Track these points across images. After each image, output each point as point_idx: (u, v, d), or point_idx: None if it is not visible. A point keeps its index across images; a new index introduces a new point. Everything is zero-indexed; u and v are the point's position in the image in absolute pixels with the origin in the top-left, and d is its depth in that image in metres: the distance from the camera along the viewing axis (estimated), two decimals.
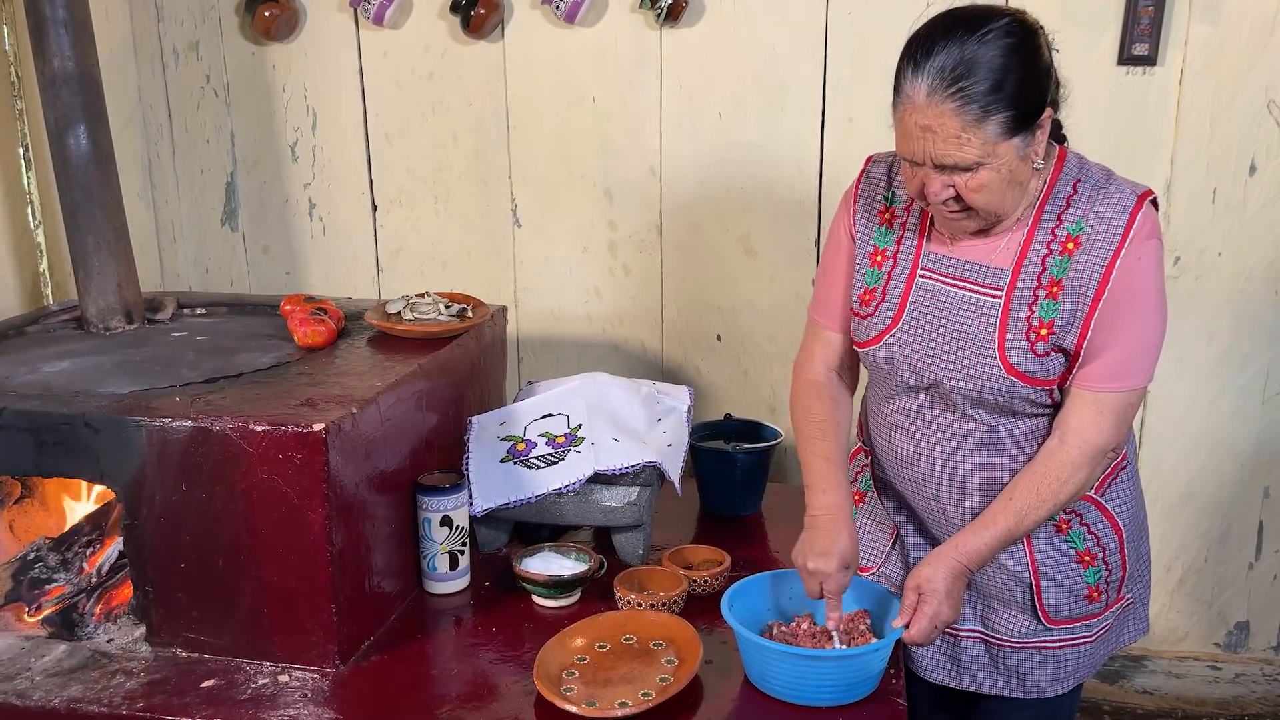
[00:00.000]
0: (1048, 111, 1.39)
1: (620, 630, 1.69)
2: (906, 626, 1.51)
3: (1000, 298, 1.47)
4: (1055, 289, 1.43)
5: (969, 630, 1.66)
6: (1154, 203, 1.46)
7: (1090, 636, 1.62)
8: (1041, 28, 1.40)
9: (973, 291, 1.49)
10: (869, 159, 1.64)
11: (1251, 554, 2.51)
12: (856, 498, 1.77)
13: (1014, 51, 1.33)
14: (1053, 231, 1.45)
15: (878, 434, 1.67)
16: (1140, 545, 1.68)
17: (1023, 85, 1.34)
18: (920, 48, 1.35)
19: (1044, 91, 1.38)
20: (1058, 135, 1.52)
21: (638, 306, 2.62)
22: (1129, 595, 1.67)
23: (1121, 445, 1.50)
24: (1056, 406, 1.50)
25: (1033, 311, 1.45)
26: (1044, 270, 1.45)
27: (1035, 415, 1.52)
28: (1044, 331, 1.44)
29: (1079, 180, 1.46)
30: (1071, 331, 1.43)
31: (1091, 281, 1.42)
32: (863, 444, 1.77)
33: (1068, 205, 1.45)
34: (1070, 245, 1.43)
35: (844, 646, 1.56)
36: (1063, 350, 1.45)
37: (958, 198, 1.40)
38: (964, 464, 1.55)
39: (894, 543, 1.73)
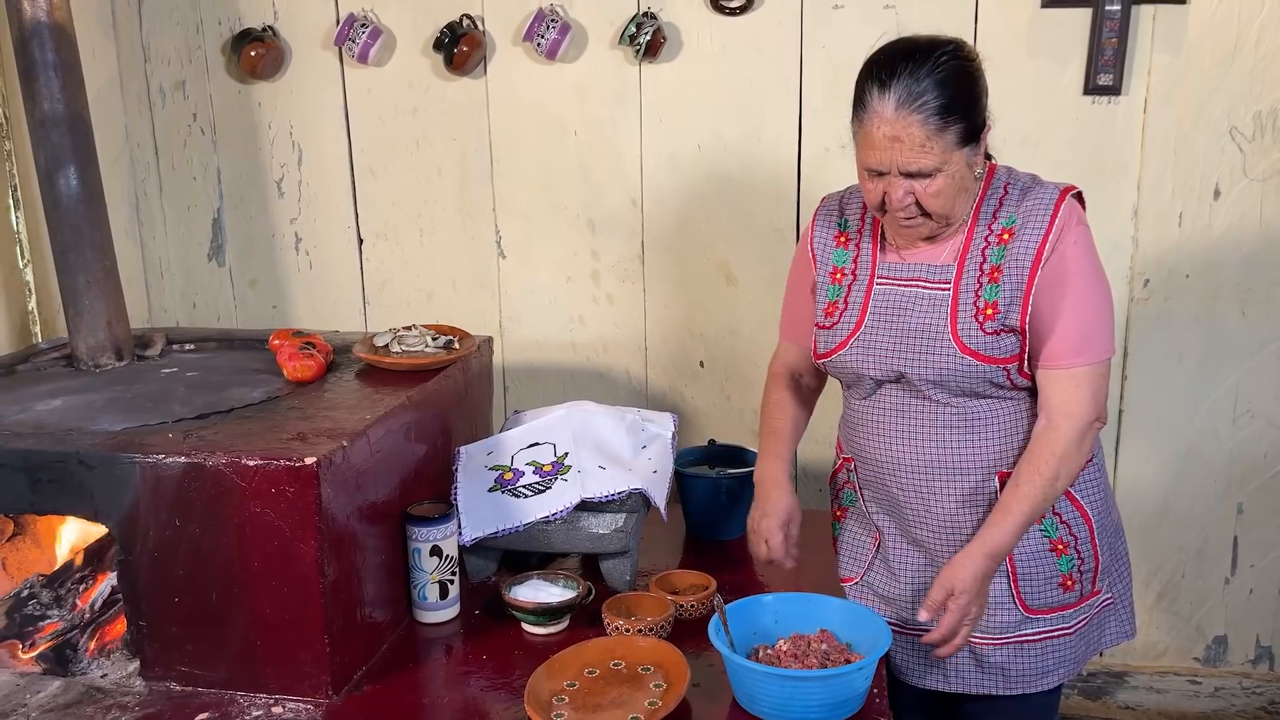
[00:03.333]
0: (988, 125, 1.59)
1: (609, 656, 1.71)
2: (934, 624, 1.63)
3: (949, 290, 1.64)
4: (996, 274, 1.60)
5: None
6: (1079, 197, 1.64)
7: (1069, 629, 1.71)
8: (978, 54, 1.59)
9: (925, 288, 1.66)
10: (823, 199, 1.85)
11: (1227, 569, 2.56)
12: (839, 514, 1.91)
13: (963, 72, 1.54)
14: (989, 228, 1.63)
15: (857, 435, 1.78)
16: (1116, 544, 1.79)
17: (971, 100, 1.55)
18: (884, 69, 1.53)
19: (984, 107, 1.59)
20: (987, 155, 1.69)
21: (622, 334, 2.66)
22: (1107, 593, 1.76)
23: (1104, 418, 1.63)
24: (1017, 388, 1.64)
25: (978, 296, 1.61)
26: (984, 260, 1.62)
27: (998, 397, 1.65)
28: (990, 312, 1.60)
29: (1009, 183, 1.65)
30: (1014, 310, 1.59)
31: (1025, 262, 1.58)
32: (844, 455, 1.86)
33: (1000, 205, 1.64)
34: (1005, 236, 1.61)
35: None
36: (1010, 329, 1.60)
37: (916, 203, 1.57)
38: (938, 447, 1.67)
39: (876, 549, 1.82)
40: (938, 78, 1.50)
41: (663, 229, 2.57)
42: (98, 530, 1.83)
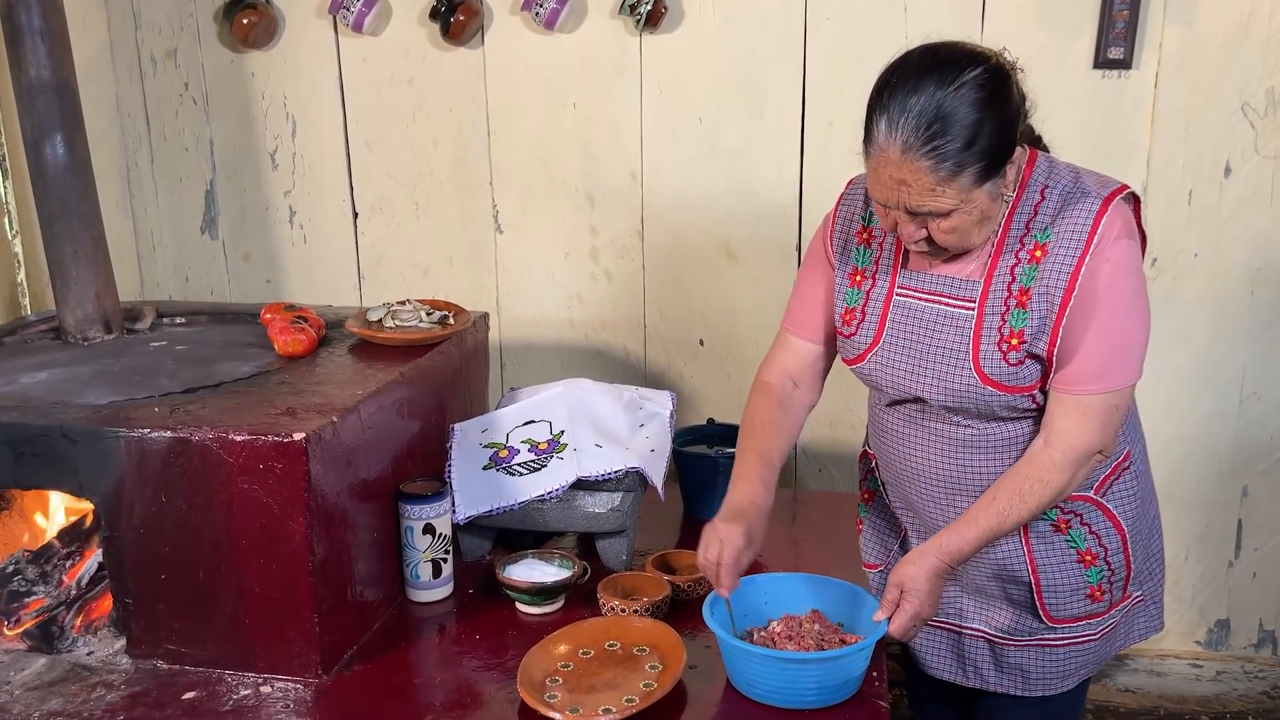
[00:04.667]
0: (1018, 151, 1.41)
1: (604, 636, 1.69)
2: (889, 620, 1.53)
3: (973, 309, 1.49)
4: (1024, 298, 1.45)
5: (972, 629, 1.67)
6: (1131, 197, 1.47)
7: (1094, 635, 1.62)
8: (1014, 68, 1.40)
9: (948, 305, 1.51)
10: (849, 182, 1.66)
11: (1231, 552, 2.53)
12: (866, 496, 1.81)
13: (987, 105, 1.34)
14: (1021, 241, 1.46)
15: (878, 439, 1.69)
16: (1151, 544, 1.69)
17: (995, 136, 1.35)
18: (893, 99, 1.34)
19: (1015, 134, 1.39)
20: (1033, 138, 1.53)
21: (620, 312, 2.62)
22: (1137, 593, 1.67)
23: (1110, 448, 1.51)
24: (1039, 408, 1.51)
25: (1004, 321, 1.47)
26: (1013, 279, 1.46)
27: (1020, 419, 1.53)
28: (1015, 341, 1.46)
29: (1047, 186, 1.47)
30: (1042, 339, 1.45)
31: (1058, 289, 1.43)
32: (867, 447, 1.79)
33: (1035, 213, 1.46)
34: (1038, 254, 1.44)
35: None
36: (1036, 357, 1.46)
37: (929, 238, 1.43)
38: (956, 467, 1.57)
39: (900, 542, 1.75)
40: (958, 112, 1.31)
41: (663, 204, 2.53)
42: (83, 506, 1.80)
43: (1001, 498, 1.50)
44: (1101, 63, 2.27)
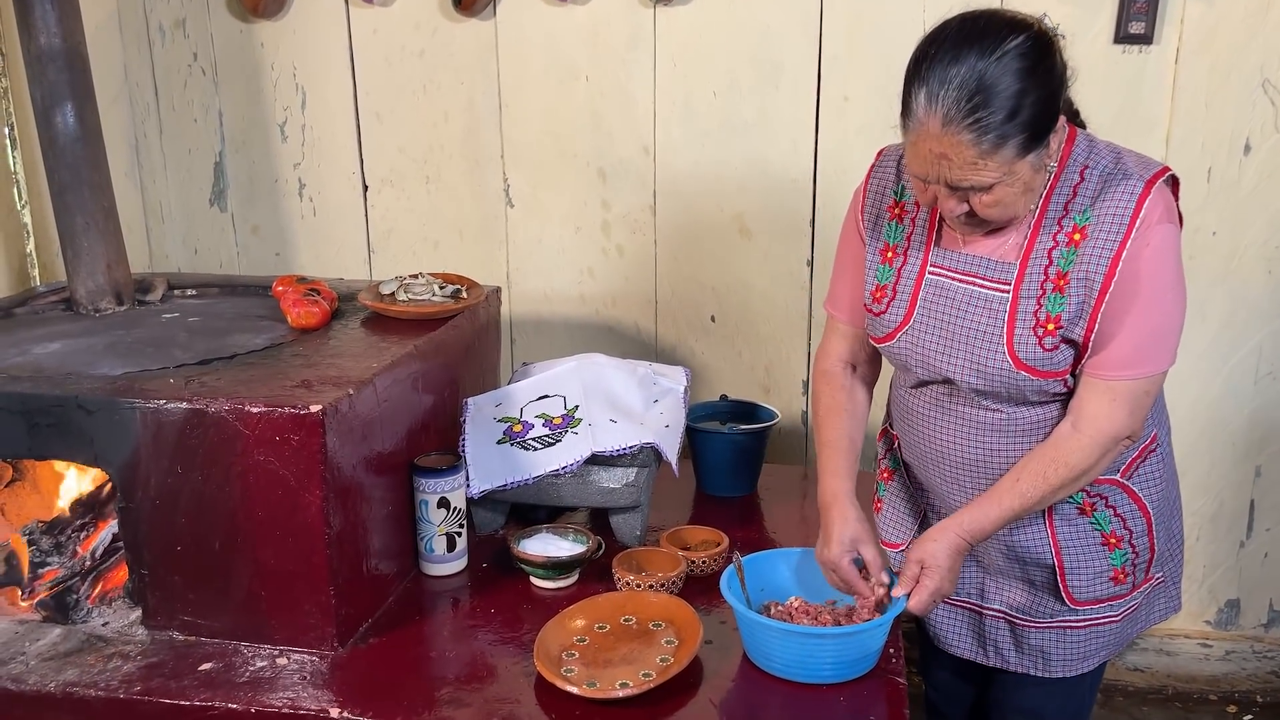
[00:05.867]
0: (1061, 119, 1.37)
1: (619, 611, 1.69)
2: (908, 596, 1.52)
3: (1008, 292, 1.46)
4: (1062, 282, 1.41)
5: (993, 610, 1.66)
6: (1172, 180, 1.43)
7: (1116, 616, 1.61)
8: (1055, 35, 1.36)
9: (981, 286, 1.48)
10: (880, 152, 1.62)
11: (1243, 532, 2.52)
12: (885, 475, 1.79)
13: (1029, 74, 1.30)
14: (1059, 223, 1.43)
15: (902, 420, 1.67)
16: (1172, 525, 1.67)
17: (1038, 107, 1.31)
18: (932, 71, 1.31)
19: (1058, 103, 1.35)
20: (1072, 113, 1.48)
21: (631, 287, 2.60)
22: (1159, 574, 1.66)
23: (1137, 433, 1.48)
24: (1070, 393, 1.49)
25: (1040, 305, 1.43)
26: (1050, 263, 1.43)
27: (1050, 403, 1.51)
28: (1051, 326, 1.42)
29: (1086, 167, 1.43)
30: (1079, 325, 1.42)
31: (1097, 275, 1.39)
32: (887, 426, 1.77)
33: (1074, 194, 1.42)
34: (1077, 237, 1.41)
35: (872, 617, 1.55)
36: (1071, 342, 1.44)
37: (970, 212, 1.39)
38: (983, 450, 1.55)
39: (921, 522, 1.73)
40: (1001, 82, 1.27)
41: (675, 178, 2.51)
42: (98, 476, 1.80)
43: (1025, 479, 1.48)
44: (1122, 37, 2.24)
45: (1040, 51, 1.31)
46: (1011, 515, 1.50)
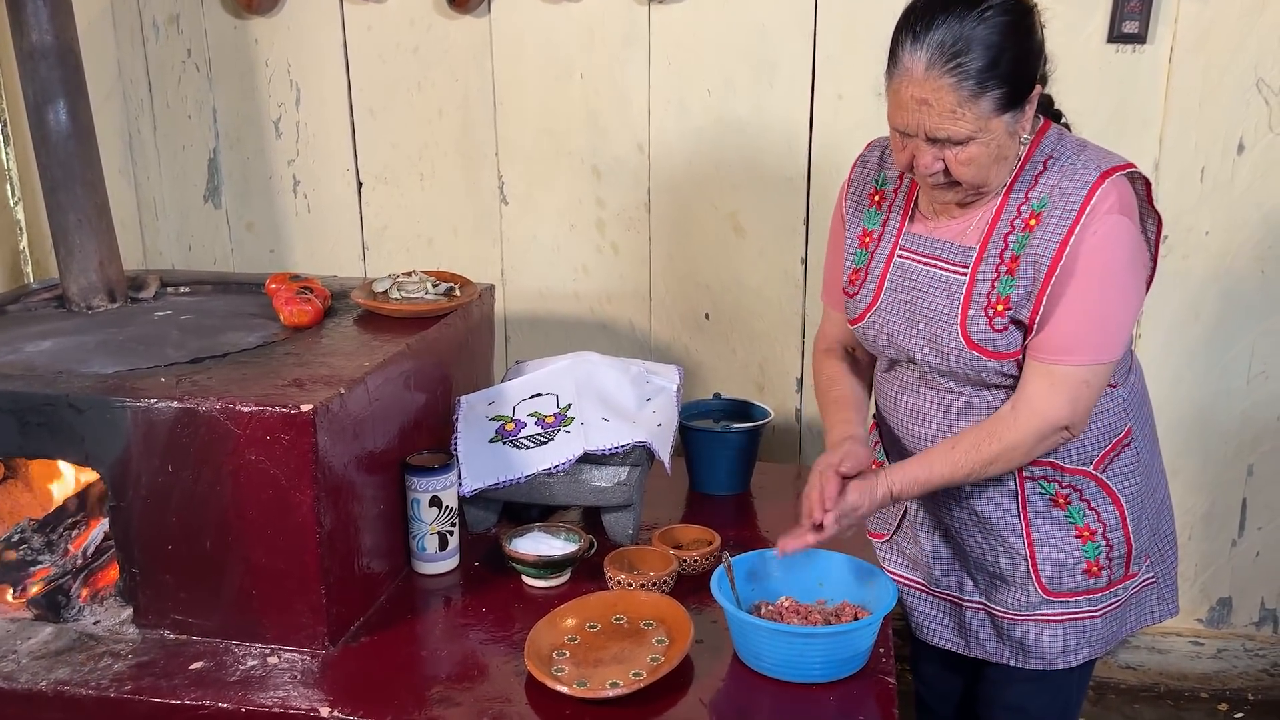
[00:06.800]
0: (1037, 88, 1.43)
1: (611, 610, 1.69)
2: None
3: (965, 274, 1.51)
4: (1014, 265, 1.47)
5: (972, 601, 1.69)
6: (1136, 177, 1.47)
7: (1095, 611, 1.63)
8: (1035, 5, 1.43)
9: (942, 269, 1.54)
10: (868, 144, 1.68)
11: (1234, 531, 2.53)
12: (875, 466, 1.78)
13: (1011, 30, 1.37)
14: (1018, 209, 1.48)
15: (882, 404, 1.72)
16: (1160, 524, 1.69)
17: (1017, 63, 1.38)
18: (920, 21, 1.38)
19: (1035, 69, 1.43)
20: (1051, 111, 1.55)
21: (626, 285, 2.60)
22: (1148, 574, 1.68)
23: (1078, 427, 1.50)
24: None
25: (993, 288, 1.48)
26: (1006, 247, 1.48)
27: (1008, 386, 1.54)
28: (1000, 307, 1.48)
29: (1051, 157, 1.48)
30: (1026, 306, 1.46)
31: (1045, 257, 1.44)
32: (873, 418, 1.81)
33: (1035, 182, 1.48)
34: (1032, 222, 1.46)
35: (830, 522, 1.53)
36: (1019, 323, 1.48)
37: (946, 170, 1.44)
38: (950, 433, 1.59)
39: (904, 512, 1.76)
40: (981, 33, 1.35)
41: (670, 176, 2.51)
42: (89, 475, 1.79)
43: (960, 448, 1.52)
44: (1116, 37, 2.24)
45: (1021, 11, 1.40)
46: (941, 480, 1.53)
